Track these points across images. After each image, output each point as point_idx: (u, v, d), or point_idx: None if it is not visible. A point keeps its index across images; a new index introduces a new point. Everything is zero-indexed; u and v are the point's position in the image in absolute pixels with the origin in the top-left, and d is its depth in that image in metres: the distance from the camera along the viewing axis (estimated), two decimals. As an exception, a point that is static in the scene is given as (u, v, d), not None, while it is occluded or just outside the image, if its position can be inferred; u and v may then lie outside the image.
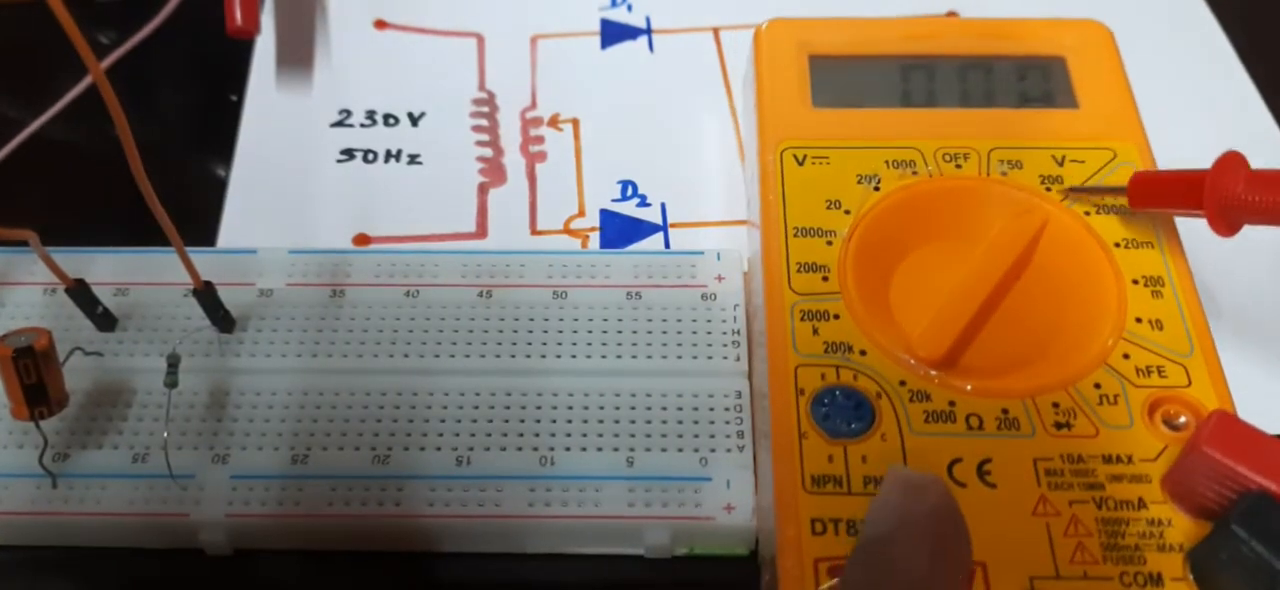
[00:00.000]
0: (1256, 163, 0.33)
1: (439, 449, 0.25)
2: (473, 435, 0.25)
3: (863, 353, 0.24)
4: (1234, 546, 0.20)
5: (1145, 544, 0.21)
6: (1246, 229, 0.31)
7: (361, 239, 0.31)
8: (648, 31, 0.37)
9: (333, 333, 0.27)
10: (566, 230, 0.31)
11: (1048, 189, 0.27)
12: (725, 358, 0.26)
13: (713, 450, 0.25)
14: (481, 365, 0.26)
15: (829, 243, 0.26)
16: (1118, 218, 0.26)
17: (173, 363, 0.25)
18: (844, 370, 0.24)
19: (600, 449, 0.25)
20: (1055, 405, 0.23)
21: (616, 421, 0.25)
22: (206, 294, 0.26)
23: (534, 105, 0.35)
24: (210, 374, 0.26)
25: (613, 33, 0.37)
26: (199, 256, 0.26)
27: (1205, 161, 0.32)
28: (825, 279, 0.25)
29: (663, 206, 0.32)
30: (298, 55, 0.36)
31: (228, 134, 0.33)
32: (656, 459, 0.25)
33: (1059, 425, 0.23)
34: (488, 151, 0.33)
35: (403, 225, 0.31)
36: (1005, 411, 0.23)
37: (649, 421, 0.25)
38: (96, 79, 0.21)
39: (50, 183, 0.32)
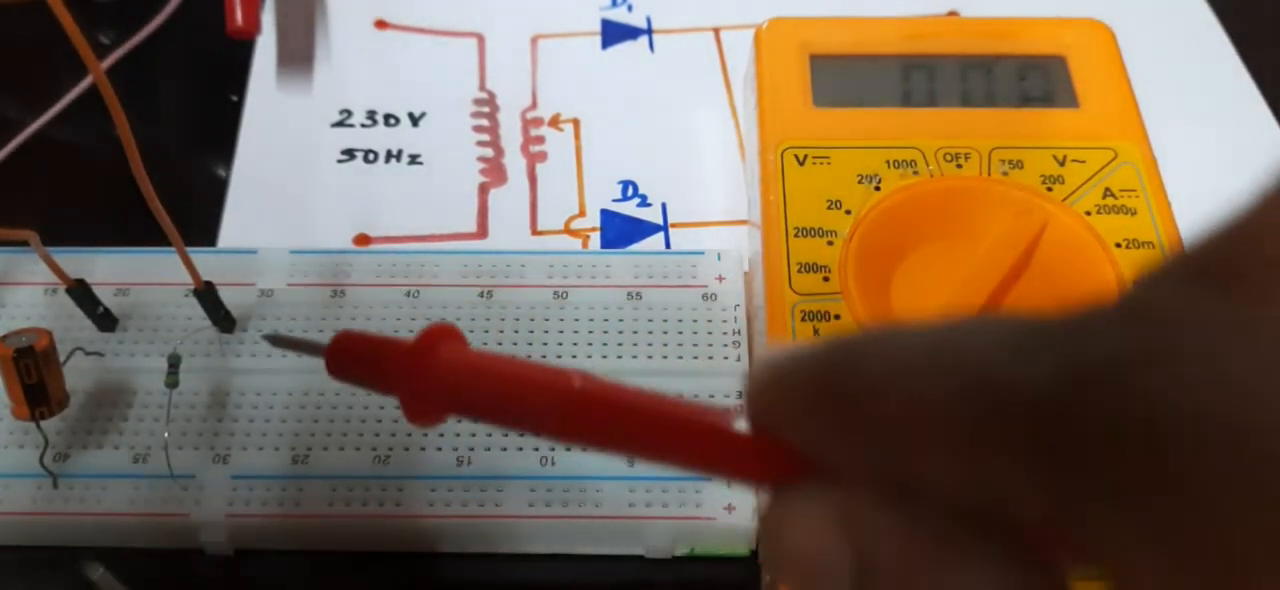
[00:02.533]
0: (1258, 161, 0.33)
1: (439, 449, 0.25)
2: (473, 435, 0.25)
3: (863, 353, 0.24)
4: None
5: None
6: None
7: (362, 239, 0.31)
8: (648, 31, 0.37)
9: (333, 333, 0.27)
10: (567, 230, 0.31)
11: (1049, 189, 0.27)
12: (726, 358, 0.26)
13: (713, 450, 0.25)
14: (482, 365, 0.26)
15: (830, 243, 0.26)
16: (1118, 218, 0.26)
17: (173, 363, 0.25)
18: (845, 370, 0.24)
19: (601, 449, 0.25)
20: (1056, 405, 0.23)
21: (617, 422, 0.25)
22: (207, 294, 0.26)
23: (534, 105, 0.34)
24: (210, 374, 0.26)
25: (613, 33, 0.37)
26: (199, 256, 0.26)
27: (1206, 161, 0.32)
28: (826, 279, 0.25)
29: (663, 206, 0.31)
30: (298, 55, 0.36)
31: (228, 134, 0.33)
32: (657, 459, 0.25)
33: (1060, 425, 0.23)
34: (488, 151, 0.33)
35: (403, 225, 0.31)
36: (1006, 412, 0.23)
37: (649, 422, 0.25)
38: (97, 79, 0.21)
39: (50, 183, 0.32)
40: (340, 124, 0.34)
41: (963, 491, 0.11)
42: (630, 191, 0.32)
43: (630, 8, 0.38)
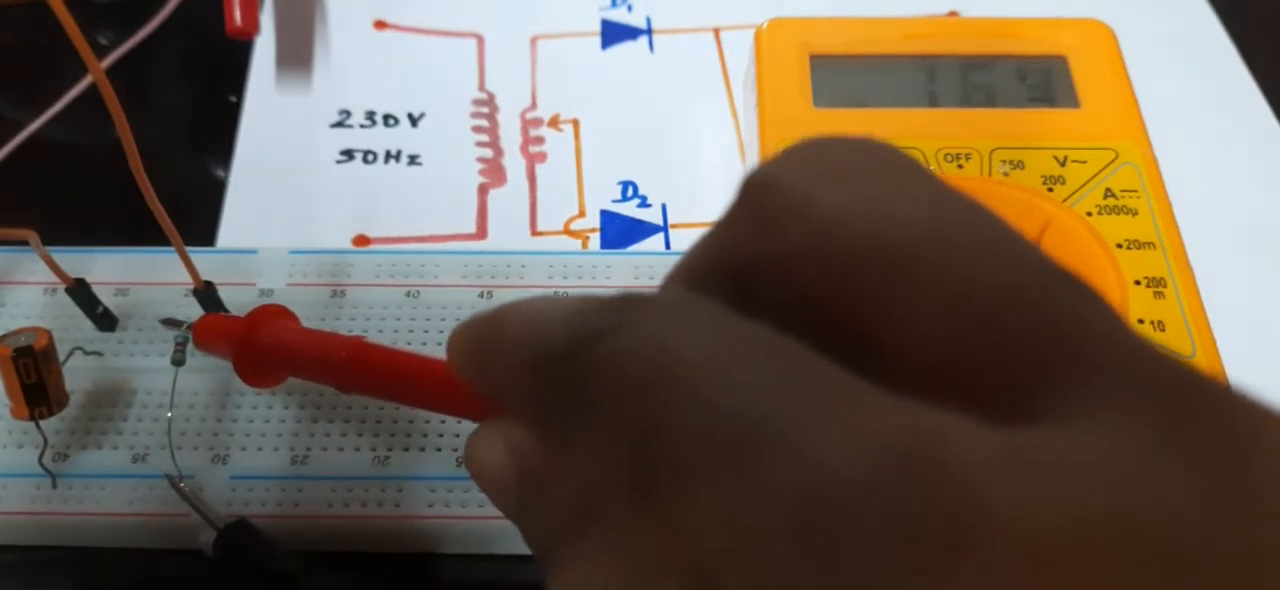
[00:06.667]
0: (1259, 162, 0.33)
1: (439, 449, 0.25)
2: (473, 436, 0.25)
3: (864, 353, 0.24)
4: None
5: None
6: (1249, 230, 0.31)
7: (361, 240, 0.30)
8: (648, 31, 0.37)
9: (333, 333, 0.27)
10: (567, 231, 0.31)
11: (1049, 190, 0.27)
12: (726, 358, 0.26)
13: (713, 451, 0.25)
14: (482, 365, 0.26)
15: (830, 243, 0.26)
16: (1119, 218, 0.26)
17: (180, 341, 0.25)
18: (845, 371, 0.24)
19: (601, 449, 0.25)
20: (1057, 406, 0.23)
21: (617, 422, 0.25)
22: (207, 294, 0.26)
23: (534, 105, 0.34)
24: (210, 374, 0.26)
25: (613, 33, 0.37)
26: (199, 256, 0.26)
27: (1206, 161, 0.32)
28: (826, 279, 0.25)
29: (663, 207, 0.31)
30: (297, 55, 0.36)
31: (227, 134, 0.33)
32: (657, 459, 0.25)
33: (1060, 426, 0.23)
34: (488, 152, 0.33)
35: (403, 226, 0.31)
36: (1007, 412, 0.23)
37: (649, 422, 0.25)
38: (97, 79, 0.21)
39: (50, 183, 0.32)
40: (339, 124, 0.34)
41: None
42: (630, 192, 0.32)
43: (630, 8, 0.38)
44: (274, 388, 0.26)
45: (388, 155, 0.33)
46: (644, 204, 0.32)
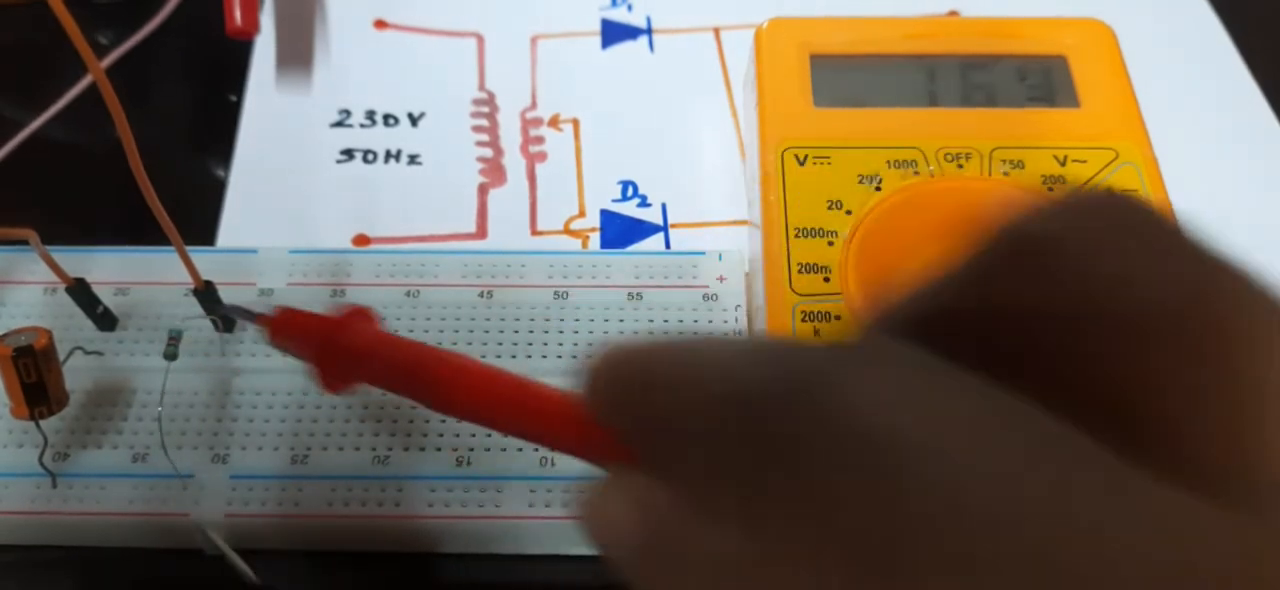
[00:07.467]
0: (1259, 162, 0.33)
1: (439, 449, 0.25)
2: (473, 435, 0.25)
3: (864, 353, 0.24)
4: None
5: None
6: (1249, 230, 0.31)
7: (361, 239, 0.30)
8: (648, 31, 0.37)
9: (333, 333, 0.27)
10: (567, 231, 0.31)
11: (1050, 190, 0.27)
12: (726, 358, 0.26)
13: (713, 451, 0.25)
14: (482, 365, 0.26)
15: (830, 243, 0.26)
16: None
17: (174, 335, 0.25)
18: (845, 370, 0.24)
19: (601, 449, 0.25)
20: (1057, 406, 0.23)
21: (617, 422, 0.25)
22: (207, 294, 0.26)
23: (534, 105, 0.34)
24: (210, 374, 0.26)
25: (613, 33, 0.37)
26: (199, 256, 0.26)
27: (1206, 161, 0.32)
28: (826, 280, 0.25)
29: (663, 207, 0.31)
30: (297, 55, 0.36)
31: (228, 134, 0.33)
32: (657, 459, 0.25)
33: (1060, 426, 0.23)
34: (488, 152, 0.33)
35: (402, 225, 0.31)
36: (1007, 412, 0.23)
37: (650, 422, 0.25)
38: (97, 79, 0.21)
39: (50, 182, 0.32)
40: (339, 124, 0.34)
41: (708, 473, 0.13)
42: (630, 192, 0.32)
43: (630, 8, 0.38)
44: (275, 390, 0.26)
45: (388, 155, 0.33)
46: (644, 204, 0.32)
